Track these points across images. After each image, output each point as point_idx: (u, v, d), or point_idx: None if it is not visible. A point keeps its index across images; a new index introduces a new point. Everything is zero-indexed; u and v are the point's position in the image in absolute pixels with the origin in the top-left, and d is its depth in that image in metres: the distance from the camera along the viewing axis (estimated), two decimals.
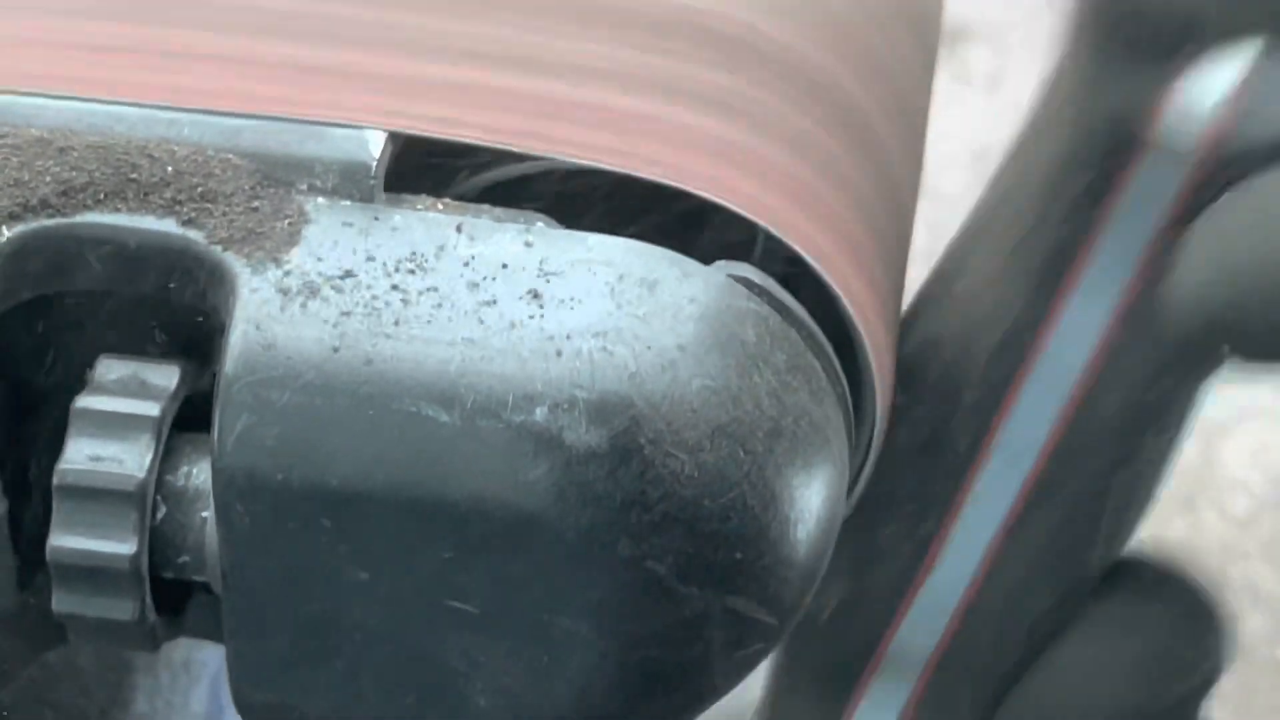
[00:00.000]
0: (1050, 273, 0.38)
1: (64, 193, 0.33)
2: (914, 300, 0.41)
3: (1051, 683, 0.42)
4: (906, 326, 0.41)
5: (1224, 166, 0.37)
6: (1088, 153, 0.38)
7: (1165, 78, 0.36)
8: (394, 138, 0.34)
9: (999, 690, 0.42)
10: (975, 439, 0.40)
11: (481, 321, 0.31)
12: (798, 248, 0.35)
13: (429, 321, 0.31)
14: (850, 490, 0.37)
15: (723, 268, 0.34)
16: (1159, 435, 0.40)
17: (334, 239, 0.33)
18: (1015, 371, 0.39)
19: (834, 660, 0.43)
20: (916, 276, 0.42)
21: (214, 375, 0.32)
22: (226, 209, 0.33)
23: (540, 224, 0.34)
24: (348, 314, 0.31)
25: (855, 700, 0.42)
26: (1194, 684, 0.42)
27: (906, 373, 0.40)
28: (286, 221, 0.33)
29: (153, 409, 0.33)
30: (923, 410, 0.40)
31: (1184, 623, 0.42)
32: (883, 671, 0.42)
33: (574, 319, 0.31)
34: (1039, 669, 0.42)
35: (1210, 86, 0.36)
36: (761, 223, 0.35)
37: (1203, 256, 0.36)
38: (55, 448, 0.33)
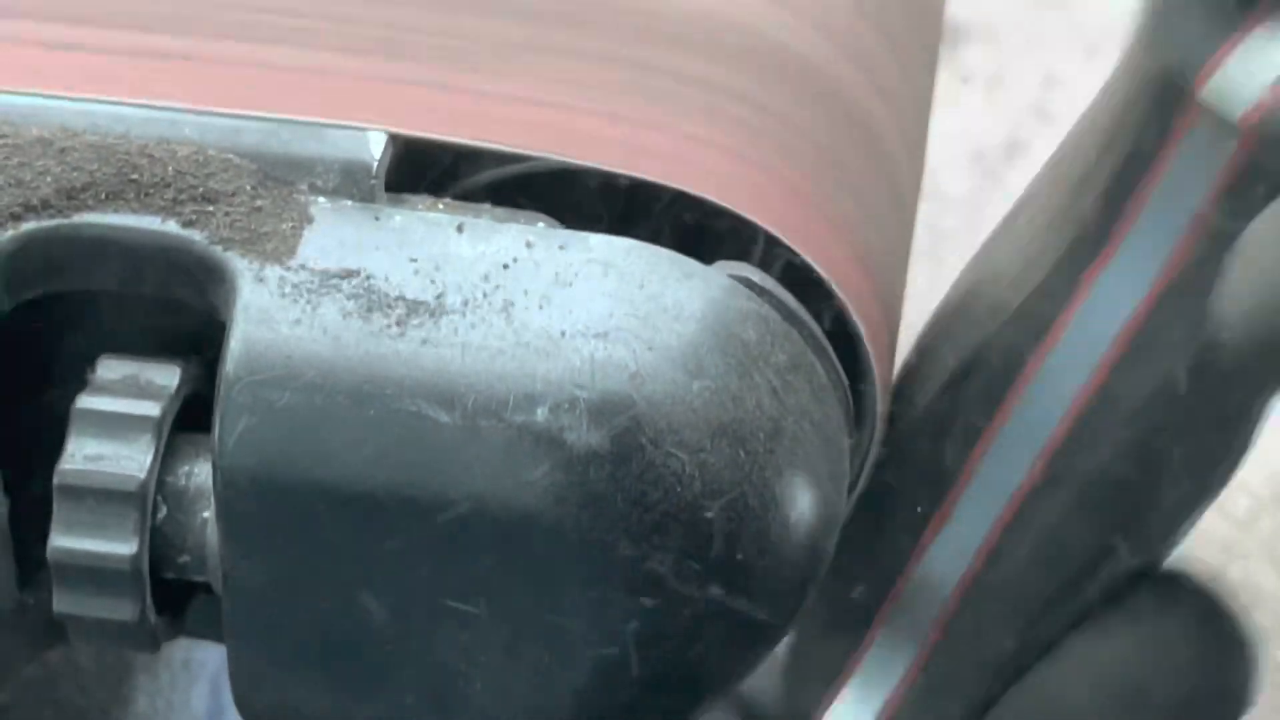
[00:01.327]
0: (1084, 244, 0.38)
1: (65, 193, 0.33)
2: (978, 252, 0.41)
3: (1060, 676, 0.41)
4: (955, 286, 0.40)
5: (1270, 147, 0.36)
6: (1136, 113, 0.36)
7: (1222, 35, 0.35)
8: (395, 138, 0.34)
9: (1015, 661, 0.41)
10: (993, 404, 0.39)
11: (482, 321, 0.31)
12: (797, 248, 0.35)
13: (429, 322, 0.31)
14: (851, 489, 0.37)
15: (724, 268, 0.34)
16: (1191, 445, 0.39)
17: (335, 239, 0.33)
18: (1038, 341, 0.38)
19: (853, 590, 0.42)
20: (916, 276, 0.42)
21: (215, 375, 0.32)
22: (227, 209, 0.33)
23: (541, 224, 0.34)
24: (348, 314, 0.31)
25: (872, 632, 0.42)
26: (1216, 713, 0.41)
27: (936, 331, 0.39)
28: (287, 222, 0.33)
29: (153, 409, 0.33)
30: (944, 363, 0.40)
31: (1213, 643, 0.41)
32: (901, 604, 0.42)
33: (575, 319, 0.31)
34: (1053, 658, 0.41)
35: (1264, 61, 0.35)
36: (762, 224, 0.35)
37: (1253, 274, 0.35)
38: (56, 448, 0.33)
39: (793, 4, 0.39)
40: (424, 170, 0.35)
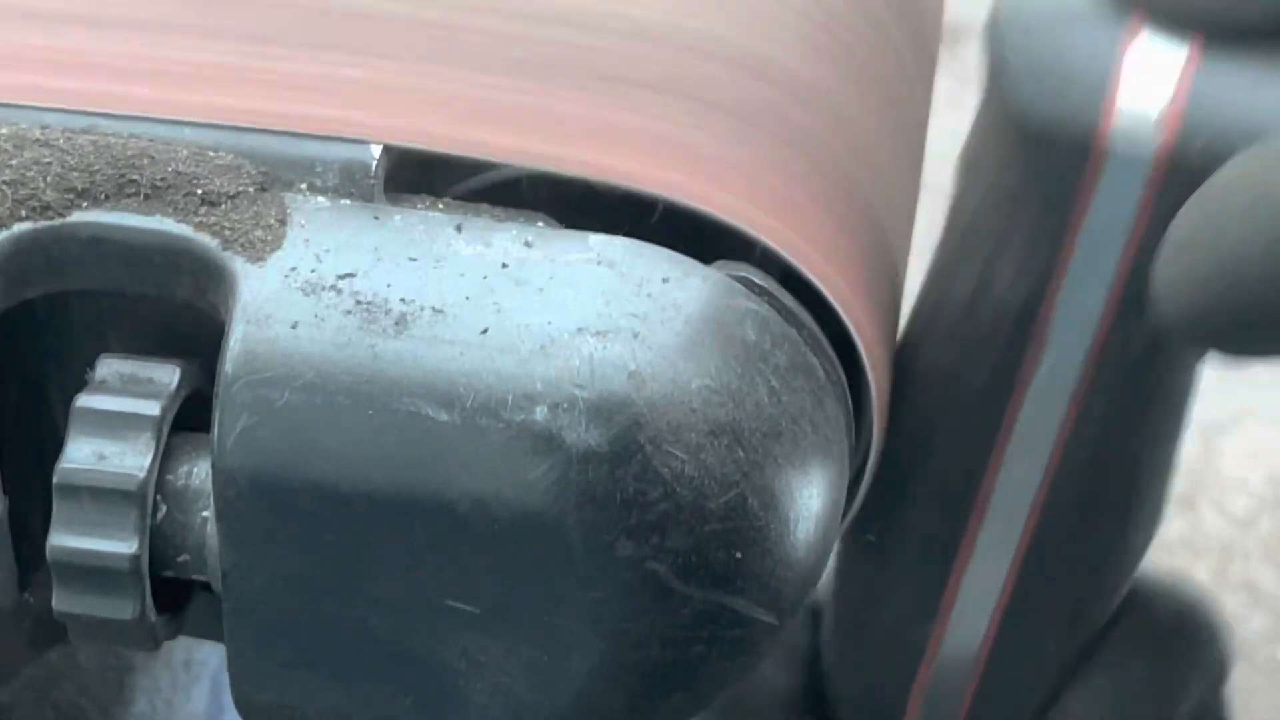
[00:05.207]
0: (1028, 298, 0.38)
1: (65, 193, 0.33)
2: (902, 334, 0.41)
3: (1079, 704, 0.42)
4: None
5: (1179, 172, 0.35)
6: (1041, 169, 0.37)
7: (1105, 74, 0.35)
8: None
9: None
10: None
11: (480, 321, 0.31)
12: (791, 259, 0.35)
13: (428, 321, 0.31)
14: (851, 489, 0.37)
15: (723, 267, 0.34)
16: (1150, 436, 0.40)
17: (334, 239, 0.33)
18: (1003, 413, 0.39)
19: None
20: (916, 273, 0.42)
21: (214, 374, 0.32)
22: (227, 209, 0.33)
23: (540, 224, 0.34)
24: (348, 313, 0.31)
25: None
26: (1200, 693, 0.43)
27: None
28: (287, 222, 0.33)
29: (153, 408, 0.33)
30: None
31: (1181, 643, 0.43)
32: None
33: (573, 318, 0.31)
34: (1070, 690, 0.42)
35: (1151, 94, 0.36)
36: (759, 236, 0.35)
37: (1170, 268, 0.36)
38: (56, 446, 0.33)
39: (788, 4, 0.39)
40: (423, 171, 0.35)
